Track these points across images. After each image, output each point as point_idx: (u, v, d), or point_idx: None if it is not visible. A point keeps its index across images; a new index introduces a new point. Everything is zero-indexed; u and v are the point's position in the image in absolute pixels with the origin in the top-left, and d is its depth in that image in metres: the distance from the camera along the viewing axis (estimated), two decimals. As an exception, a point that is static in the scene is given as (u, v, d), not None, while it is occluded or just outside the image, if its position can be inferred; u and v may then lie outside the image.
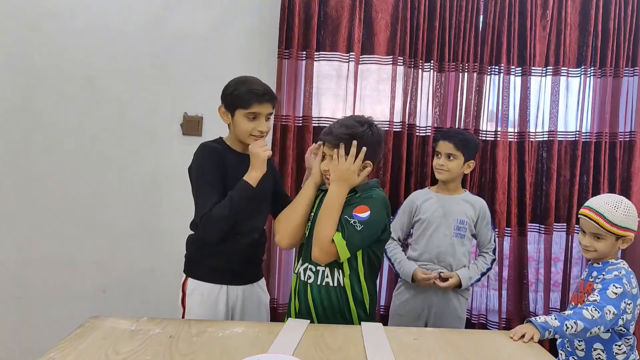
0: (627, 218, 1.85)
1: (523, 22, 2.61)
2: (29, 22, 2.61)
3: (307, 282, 1.82)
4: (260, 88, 1.88)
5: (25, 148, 2.65)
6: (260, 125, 1.86)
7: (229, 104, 1.89)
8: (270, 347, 1.52)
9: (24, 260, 2.67)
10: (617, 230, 1.85)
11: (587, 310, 1.73)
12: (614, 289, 1.78)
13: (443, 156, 2.34)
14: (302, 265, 1.84)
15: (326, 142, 1.81)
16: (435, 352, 1.56)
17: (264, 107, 1.86)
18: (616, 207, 1.86)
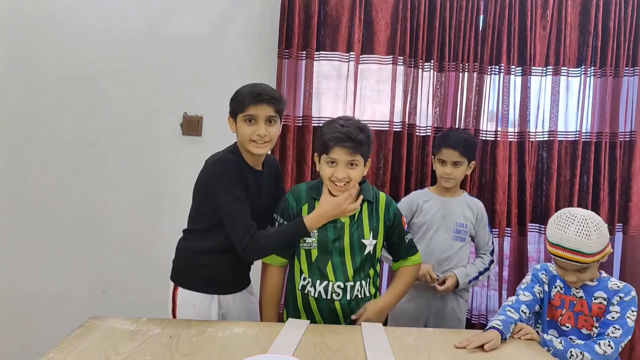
0: (601, 238, 1.69)
1: (523, 22, 2.61)
2: (29, 23, 2.61)
3: (332, 299, 1.82)
4: (257, 89, 1.81)
5: (25, 148, 2.65)
6: (259, 129, 1.78)
7: (231, 111, 1.86)
8: (270, 347, 1.52)
9: (24, 261, 2.66)
10: (599, 256, 1.71)
11: (600, 346, 1.68)
12: (631, 314, 1.71)
13: (449, 164, 2.30)
14: (322, 284, 1.82)
15: (342, 147, 1.76)
16: (435, 352, 1.56)
17: (262, 109, 1.78)
18: (588, 236, 1.67)
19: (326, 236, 1.82)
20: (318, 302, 1.82)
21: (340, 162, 1.77)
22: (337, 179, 1.78)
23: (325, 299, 1.81)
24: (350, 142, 1.75)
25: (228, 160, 1.81)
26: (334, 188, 1.81)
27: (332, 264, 1.81)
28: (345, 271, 1.81)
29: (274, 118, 1.82)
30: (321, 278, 1.81)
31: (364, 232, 1.83)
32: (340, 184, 1.79)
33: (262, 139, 1.80)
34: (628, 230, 2.69)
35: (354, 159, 1.77)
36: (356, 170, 1.79)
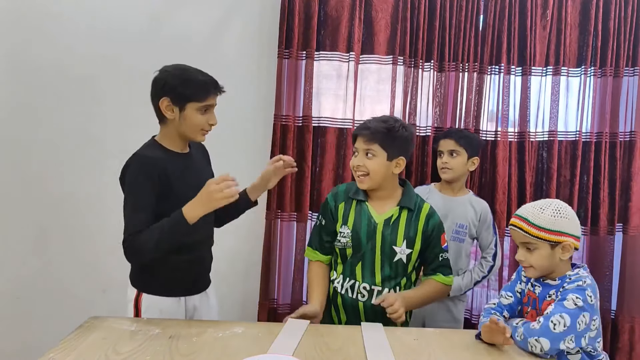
0: (558, 220, 1.58)
1: (523, 22, 2.61)
2: (29, 23, 2.61)
3: (357, 299, 1.84)
4: (210, 78, 1.73)
5: (25, 148, 2.64)
6: (211, 118, 1.74)
7: (178, 97, 1.69)
8: (270, 347, 1.52)
9: (24, 260, 2.66)
10: (547, 235, 1.58)
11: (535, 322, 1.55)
12: (574, 299, 1.53)
13: (446, 154, 2.33)
14: (349, 282, 1.85)
15: (360, 136, 1.82)
16: (435, 352, 1.56)
17: (215, 99, 1.75)
18: (542, 209, 1.60)
19: (359, 236, 1.84)
20: (344, 299, 1.84)
21: (360, 151, 1.83)
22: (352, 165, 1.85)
23: (350, 297, 1.84)
24: (366, 131, 1.80)
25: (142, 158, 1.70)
26: (356, 177, 1.86)
27: (362, 264, 1.83)
28: (373, 274, 1.82)
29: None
30: (350, 276, 1.84)
31: (397, 239, 1.83)
32: (358, 172, 1.83)
33: (211, 127, 1.76)
34: (628, 230, 2.69)
35: (370, 148, 1.80)
36: (373, 161, 1.81)
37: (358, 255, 1.84)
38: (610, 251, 2.70)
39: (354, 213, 1.86)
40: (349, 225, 1.86)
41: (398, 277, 1.85)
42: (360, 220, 1.85)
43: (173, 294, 1.78)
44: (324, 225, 1.91)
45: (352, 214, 1.87)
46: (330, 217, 1.90)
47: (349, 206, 1.88)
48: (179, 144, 1.77)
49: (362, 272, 1.83)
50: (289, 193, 2.58)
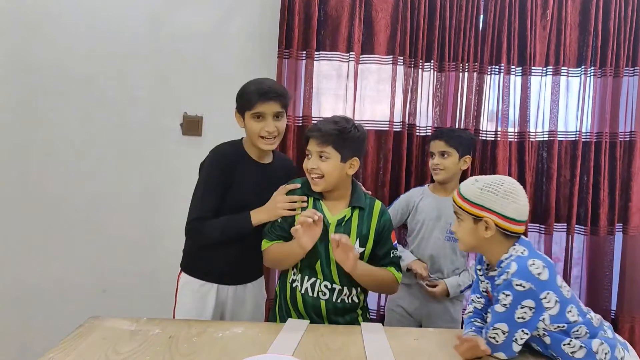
0: (484, 193, 1.50)
1: (523, 22, 2.61)
2: (29, 23, 2.61)
3: (318, 297, 1.80)
4: (263, 87, 1.85)
5: (26, 148, 2.65)
6: (267, 125, 1.84)
7: (239, 108, 1.90)
8: (270, 347, 1.52)
9: (24, 260, 2.66)
10: (469, 207, 1.51)
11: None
12: (503, 299, 1.46)
13: (437, 155, 2.32)
14: (309, 280, 1.81)
15: (313, 138, 1.79)
16: (435, 352, 1.56)
17: (269, 106, 1.84)
18: (476, 181, 1.53)
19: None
20: (304, 298, 1.81)
21: (313, 153, 1.79)
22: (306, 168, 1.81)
23: (311, 296, 1.80)
24: (317, 133, 1.78)
25: (220, 149, 1.91)
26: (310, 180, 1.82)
27: (320, 263, 1.80)
28: (331, 273, 1.80)
29: (281, 113, 1.89)
30: (310, 274, 1.81)
31: (350, 239, 1.79)
32: (312, 175, 1.79)
33: (271, 135, 1.85)
34: (628, 230, 2.69)
35: (323, 151, 1.77)
36: (327, 164, 1.77)
37: (314, 254, 1.80)
38: (610, 251, 2.70)
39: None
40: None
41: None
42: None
43: (206, 279, 1.93)
44: (280, 221, 1.84)
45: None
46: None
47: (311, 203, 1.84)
48: (255, 152, 1.92)
49: (322, 270, 1.80)
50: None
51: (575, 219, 2.67)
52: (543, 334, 1.48)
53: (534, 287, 1.43)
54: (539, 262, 1.46)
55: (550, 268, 1.46)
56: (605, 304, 2.70)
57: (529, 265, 1.45)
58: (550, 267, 1.47)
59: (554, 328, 1.46)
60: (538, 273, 1.44)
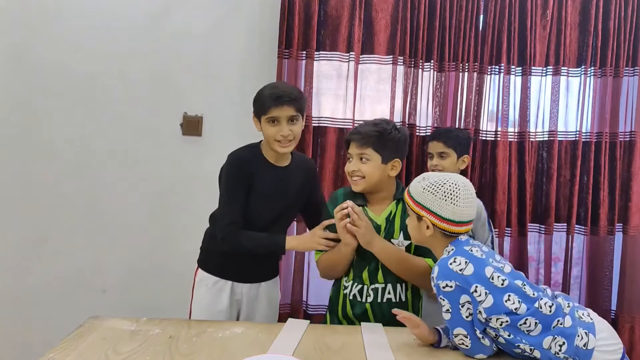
0: (425, 193, 1.53)
1: (523, 21, 2.61)
2: (29, 22, 2.61)
3: (364, 302, 1.82)
4: (277, 91, 1.88)
5: (25, 148, 2.64)
6: (282, 129, 1.86)
7: (255, 112, 1.93)
8: (270, 347, 1.52)
9: (24, 260, 2.66)
10: (412, 205, 1.56)
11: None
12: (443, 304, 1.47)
13: (435, 156, 2.34)
14: (357, 287, 1.83)
15: (353, 141, 1.82)
16: (435, 352, 1.56)
17: (283, 110, 1.85)
18: (424, 179, 1.57)
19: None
20: (352, 303, 1.83)
21: (353, 156, 1.83)
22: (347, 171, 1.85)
23: (359, 301, 1.82)
24: (357, 135, 1.81)
25: (238, 155, 1.93)
26: (351, 181, 1.86)
27: (368, 268, 1.82)
28: (378, 273, 1.82)
29: (296, 117, 1.90)
30: (358, 281, 1.83)
31: (394, 232, 1.83)
32: (353, 176, 1.83)
33: (286, 139, 1.88)
34: (628, 230, 2.69)
35: (364, 153, 1.80)
36: (368, 165, 1.81)
37: (363, 260, 1.82)
38: (610, 251, 2.70)
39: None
40: None
41: None
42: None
43: (221, 276, 1.98)
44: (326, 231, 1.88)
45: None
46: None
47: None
48: (272, 155, 1.94)
49: (368, 275, 1.82)
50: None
51: (575, 219, 2.67)
52: (496, 335, 1.47)
53: (460, 284, 1.44)
54: (461, 258, 1.46)
55: (475, 262, 1.45)
56: (605, 304, 2.70)
57: (449, 264, 1.46)
58: (476, 260, 1.46)
59: (499, 324, 1.43)
60: (460, 269, 1.44)
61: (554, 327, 1.43)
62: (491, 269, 1.46)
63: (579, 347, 1.42)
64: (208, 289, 1.98)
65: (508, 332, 1.44)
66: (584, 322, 1.46)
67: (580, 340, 1.42)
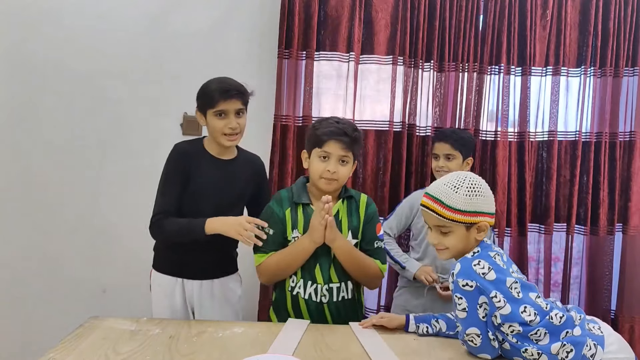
0: (473, 199, 1.48)
1: (523, 22, 2.61)
2: (28, 22, 2.60)
3: (321, 301, 1.81)
4: (224, 85, 1.89)
5: (25, 148, 2.64)
6: (230, 122, 1.88)
7: (200, 106, 1.94)
8: (270, 347, 1.52)
9: (24, 260, 2.66)
10: (463, 217, 1.47)
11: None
12: (459, 303, 1.46)
13: (442, 158, 2.34)
14: (312, 286, 1.81)
15: (336, 142, 1.78)
16: (435, 352, 1.56)
17: (231, 104, 1.88)
18: (456, 188, 1.48)
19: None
20: (308, 304, 1.81)
21: (333, 156, 1.79)
22: (329, 172, 1.78)
23: (315, 301, 1.81)
24: (345, 137, 1.79)
25: (177, 147, 1.96)
26: (323, 184, 1.81)
27: (320, 266, 1.81)
28: (329, 272, 1.81)
29: (242, 110, 1.92)
30: (311, 280, 1.81)
31: (342, 231, 1.82)
32: (330, 178, 1.79)
33: (233, 132, 1.89)
34: (628, 230, 2.69)
35: (347, 155, 1.80)
36: (346, 168, 1.81)
37: (314, 257, 1.80)
38: (610, 251, 2.70)
39: (302, 217, 1.83)
40: (299, 230, 1.82)
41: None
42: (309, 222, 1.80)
43: (171, 273, 1.97)
44: (273, 234, 1.83)
45: (300, 218, 1.83)
46: (280, 226, 1.83)
47: (295, 211, 1.84)
48: (215, 149, 1.96)
49: (321, 273, 1.81)
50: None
51: (575, 219, 2.67)
52: (502, 340, 1.47)
53: (481, 286, 1.42)
54: (485, 262, 1.44)
55: (498, 270, 1.44)
56: (605, 304, 2.70)
57: (473, 264, 1.44)
58: (499, 269, 1.45)
59: (510, 331, 1.43)
60: (483, 273, 1.43)
61: (562, 337, 1.44)
62: (511, 279, 1.46)
63: (586, 357, 1.43)
64: (162, 289, 1.97)
65: (516, 339, 1.44)
66: (594, 334, 1.47)
67: (588, 350, 1.43)
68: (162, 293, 1.97)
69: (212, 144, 1.95)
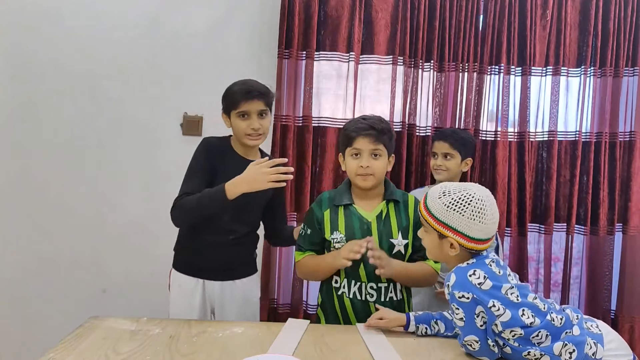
0: (449, 212, 1.43)
1: (523, 22, 2.61)
2: (28, 23, 2.61)
3: (366, 300, 1.81)
4: (247, 86, 1.92)
5: (25, 148, 2.64)
6: (252, 123, 1.90)
7: (224, 108, 1.97)
8: (270, 347, 1.52)
9: (24, 261, 2.66)
10: (434, 223, 1.46)
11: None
12: (457, 313, 1.44)
13: (440, 156, 2.34)
14: (356, 285, 1.81)
15: (365, 137, 1.78)
16: (435, 352, 1.56)
17: (253, 105, 1.90)
18: (444, 194, 1.46)
19: (354, 237, 1.80)
20: (353, 303, 1.82)
21: (364, 152, 1.80)
22: (362, 168, 1.79)
23: (360, 300, 1.81)
24: (372, 131, 1.79)
25: (207, 139, 2.00)
26: (360, 180, 1.81)
27: (364, 264, 1.80)
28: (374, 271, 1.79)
29: (265, 111, 1.94)
30: (355, 278, 1.82)
31: (392, 232, 1.82)
32: (365, 174, 1.79)
33: (256, 132, 1.91)
34: (628, 230, 2.69)
35: (377, 148, 1.79)
36: (380, 161, 1.80)
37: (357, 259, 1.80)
38: (610, 251, 2.70)
39: (343, 218, 1.84)
40: (340, 231, 1.83)
41: None
42: (351, 223, 1.83)
43: (191, 274, 1.97)
44: (309, 234, 1.87)
45: (341, 219, 1.84)
46: (316, 226, 1.86)
47: (335, 213, 1.84)
48: (241, 149, 1.98)
49: (365, 272, 1.81)
50: (289, 193, 2.58)
51: (575, 219, 2.67)
52: (503, 345, 1.46)
53: (477, 297, 1.40)
54: (481, 272, 1.41)
55: (494, 279, 1.42)
56: (605, 304, 2.70)
57: (468, 275, 1.41)
58: (495, 278, 1.43)
59: (512, 335, 1.41)
60: (479, 283, 1.40)
61: (562, 338, 1.43)
62: (507, 285, 1.44)
63: (589, 356, 1.42)
64: (181, 290, 1.97)
65: (518, 343, 1.43)
66: (593, 333, 1.47)
67: (589, 349, 1.43)
68: (182, 293, 1.97)
69: (238, 145, 1.98)
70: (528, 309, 1.43)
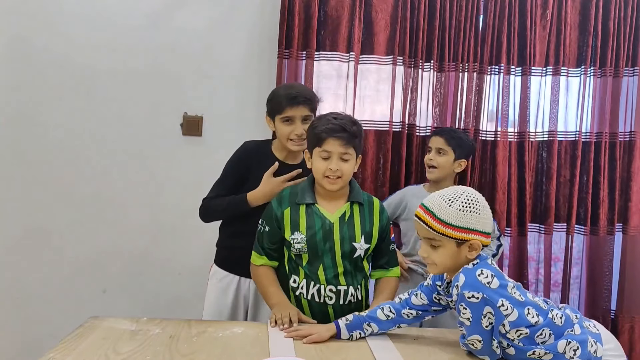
0: (467, 214, 1.43)
1: (523, 22, 2.61)
2: (28, 22, 2.60)
3: (325, 303, 1.78)
4: (292, 91, 1.93)
5: (25, 148, 2.64)
6: (296, 128, 1.91)
7: (269, 112, 1.99)
8: (270, 347, 1.52)
9: (24, 261, 2.66)
10: (453, 232, 1.43)
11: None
12: (464, 313, 1.43)
13: (433, 151, 2.32)
14: (315, 287, 1.78)
15: (336, 139, 1.73)
16: (435, 352, 1.56)
17: (298, 110, 1.91)
18: (450, 201, 1.44)
19: (315, 238, 1.77)
20: (311, 305, 1.79)
21: (334, 154, 1.74)
22: (332, 170, 1.74)
23: (317, 302, 1.78)
24: (344, 133, 1.73)
25: (244, 145, 2.04)
26: (327, 183, 1.76)
27: (323, 266, 1.78)
28: (337, 274, 1.78)
29: (309, 117, 1.95)
30: (315, 280, 1.78)
31: (355, 235, 1.79)
32: (334, 176, 1.75)
33: (299, 138, 1.92)
34: (628, 230, 2.69)
35: (347, 152, 1.75)
36: (349, 164, 1.76)
37: (317, 258, 1.78)
38: (610, 251, 2.70)
39: (305, 217, 1.79)
40: (302, 231, 1.79)
41: (358, 273, 1.82)
42: (313, 223, 1.78)
43: (228, 269, 2.05)
44: (268, 232, 1.82)
45: (302, 218, 1.80)
46: (275, 224, 1.81)
47: (296, 212, 1.80)
48: (282, 153, 2.00)
49: (325, 274, 1.78)
50: (289, 193, 2.58)
51: (575, 219, 2.67)
52: (507, 345, 1.45)
53: (487, 297, 1.39)
54: (487, 270, 1.42)
55: (499, 276, 1.43)
56: (605, 304, 2.70)
57: (477, 275, 1.41)
58: (500, 275, 1.44)
59: (517, 335, 1.41)
60: (487, 282, 1.40)
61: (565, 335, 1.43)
62: (510, 284, 1.45)
63: (591, 354, 1.42)
64: (217, 283, 2.04)
65: (523, 343, 1.43)
66: (592, 332, 1.48)
67: (591, 347, 1.43)
68: (219, 288, 2.03)
69: (279, 147, 2.00)
70: (532, 308, 1.43)
